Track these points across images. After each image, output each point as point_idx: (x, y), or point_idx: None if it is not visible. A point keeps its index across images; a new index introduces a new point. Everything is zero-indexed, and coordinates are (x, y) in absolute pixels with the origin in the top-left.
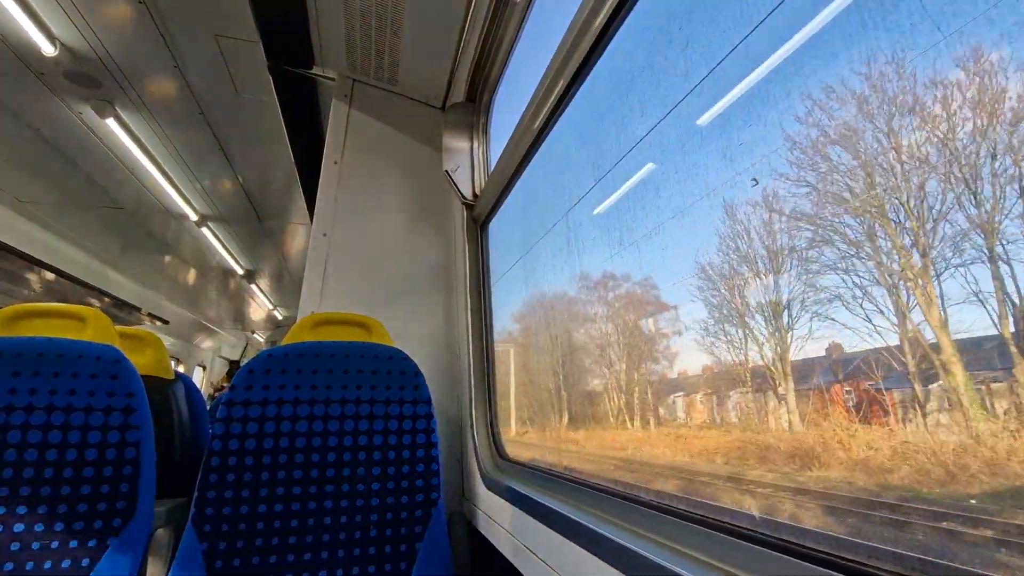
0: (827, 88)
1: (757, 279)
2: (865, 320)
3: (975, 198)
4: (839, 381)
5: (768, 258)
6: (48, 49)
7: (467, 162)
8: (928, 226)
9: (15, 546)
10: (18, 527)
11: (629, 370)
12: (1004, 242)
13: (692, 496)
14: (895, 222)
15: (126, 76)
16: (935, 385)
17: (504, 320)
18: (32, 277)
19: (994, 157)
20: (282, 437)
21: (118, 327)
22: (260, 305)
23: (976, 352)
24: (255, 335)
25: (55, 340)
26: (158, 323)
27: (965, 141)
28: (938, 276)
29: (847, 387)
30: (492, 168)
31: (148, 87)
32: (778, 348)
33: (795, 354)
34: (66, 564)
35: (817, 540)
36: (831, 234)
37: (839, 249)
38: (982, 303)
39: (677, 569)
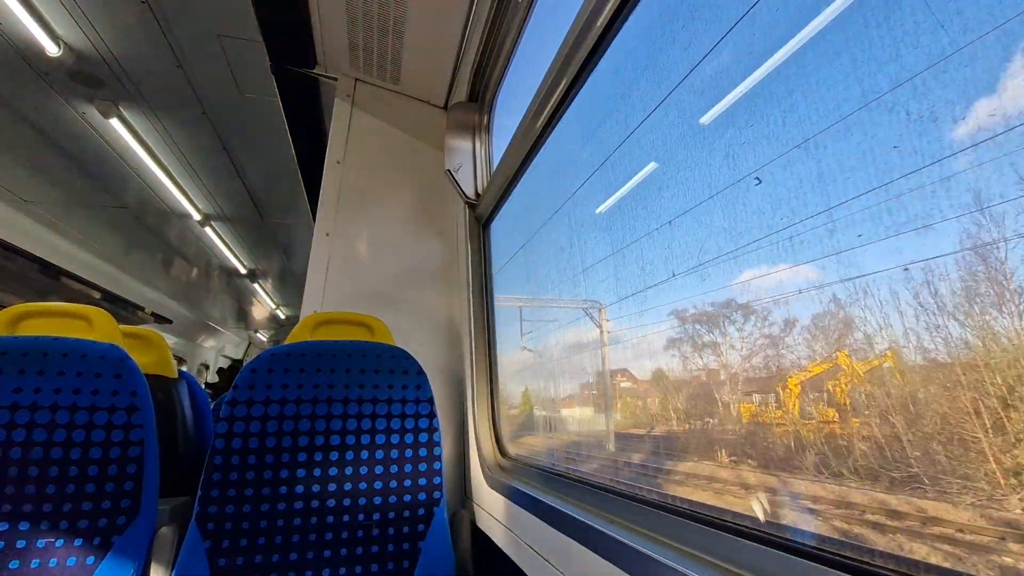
0: None
1: None
2: None
3: None
4: None
5: None
6: (52, 50)
7: (469, 161)
8: None
9: (21, 543)
10: (23, 525)
11: None
12: None
13: None
14: None
15: (130, 76)
16: None
17: None
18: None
19: None
20: (285, 436)
21: (122, 326)
22: (263, 304)
23: None
24: (258, 334)
25: (60, 339)
26: (162, 322)
27: None
28: None
29: None
30: (495, 167)
31: (151, 87)
32: None
33: None
34: (71, 562)
35: (820, 539)
36: None
37: None
38: None
39: (680, 567)
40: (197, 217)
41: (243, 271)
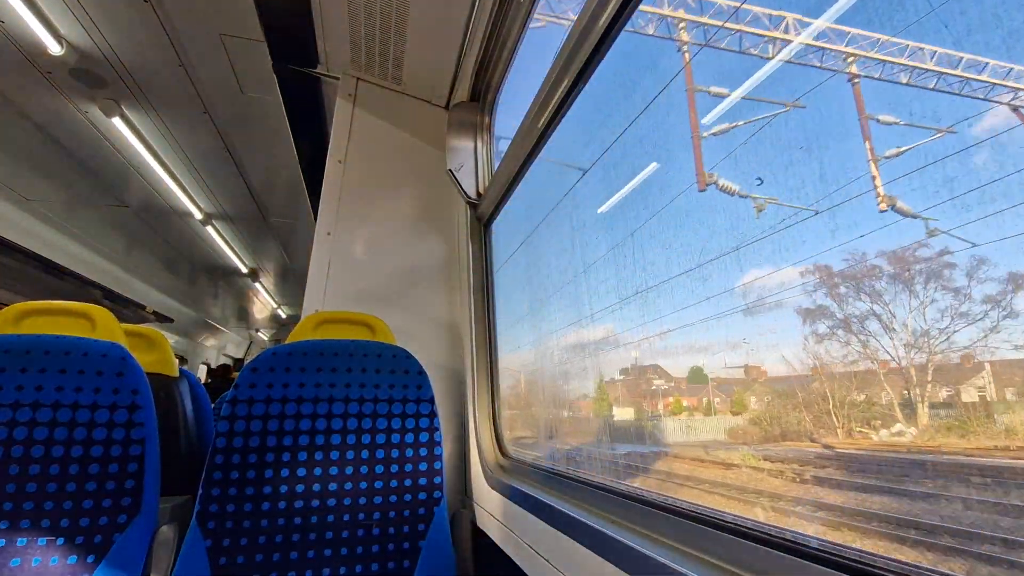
0: None
1: None
2: None
3: None
4: None
5: None
6: (55, 48)
7: (471, 161)
8: None
9: (22, 541)
10: (25, 523)
11: None
12: None
13: None
14: None
15: (132, 75)
16: None
17: None
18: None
19: None
20: (285, 435)
21: (124, 325)
22: (264, 304)
23: None
24: (259, 333)
25: (62, 338)
26: (163, 321)
27: None
28: None
29: None
30: (496, 167)
31: (154, 86)
32: None
33: None
34: (72, 560)
35: (820, 539)
36: None
37: None
38: None
39: (681, 568)
40: (199, 216)
41: (244, 270)
